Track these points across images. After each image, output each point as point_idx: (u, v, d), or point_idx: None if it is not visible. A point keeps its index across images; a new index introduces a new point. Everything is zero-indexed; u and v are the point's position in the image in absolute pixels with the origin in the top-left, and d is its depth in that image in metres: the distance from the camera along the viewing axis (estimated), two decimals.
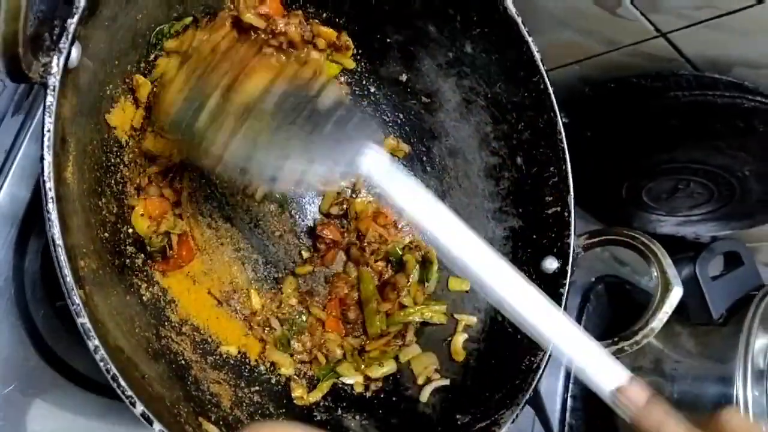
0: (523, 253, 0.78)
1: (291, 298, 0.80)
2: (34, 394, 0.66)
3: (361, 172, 0.59)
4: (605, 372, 0.54)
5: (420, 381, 0.78)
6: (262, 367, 0.75)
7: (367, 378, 0.78)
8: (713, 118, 0.83)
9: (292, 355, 0.78)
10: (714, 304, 0.96)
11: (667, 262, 0.72)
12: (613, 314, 1.09)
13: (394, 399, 0.78)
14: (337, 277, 0.83)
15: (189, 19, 0.69)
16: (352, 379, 0.77)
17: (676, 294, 0.71)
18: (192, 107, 0.60)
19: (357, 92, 0.84)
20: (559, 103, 0.74)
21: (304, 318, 0.80)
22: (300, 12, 0.74)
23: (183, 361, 0.67)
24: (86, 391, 0.68)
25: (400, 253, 0.84)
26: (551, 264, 0.74)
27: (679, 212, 1.04)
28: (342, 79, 0.82)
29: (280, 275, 0.81)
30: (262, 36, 0.71)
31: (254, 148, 0.59)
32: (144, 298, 0.66)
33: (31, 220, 0.68)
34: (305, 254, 0.83)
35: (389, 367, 0.79)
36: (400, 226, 0.85)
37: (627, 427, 0.97)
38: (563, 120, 0.74)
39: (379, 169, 0.59)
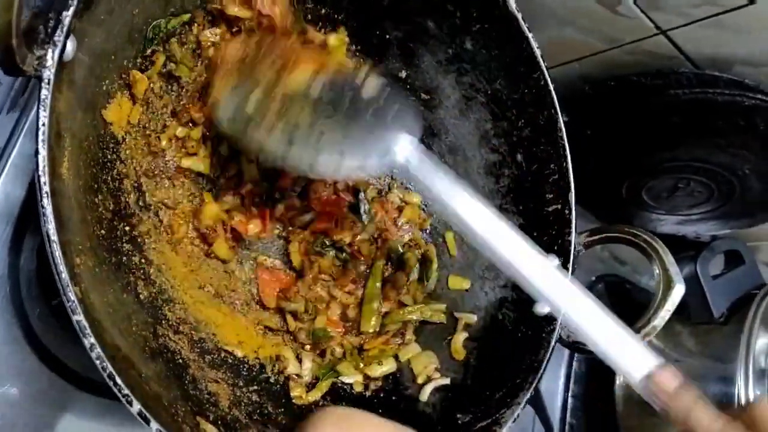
0: None
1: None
2: (30, 393, 0.65)
3: (396, 163, 0.61)
4: (634, 357, 0.54)
5: (420, 380, 0.77)
6: (260, 366, 0.75)
7: (366, 377, 0.77)
8: (714, 116, 0.83)
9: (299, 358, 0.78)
10: (715, 303, 0.96)
11: (669, 259, 0.72)
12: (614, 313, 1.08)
13: (393, 398, 0.77)
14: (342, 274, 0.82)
15: (187, 16, 0.69)
16: (351, 378, 0.77)
17: (678, 291, 0.71)
18: (239, 97, 0.63)
19: None
20: (560, 101, 0.73)
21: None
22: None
23: (180, 360, 0.66)
24: (82, 391, 0.68)
25: (401, 250, 0.83)
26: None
27: (679, 211, 1.04)
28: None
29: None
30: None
31: (292, 140, 0.61)
32: (141, 296, 0.66)
33: (26, 218, 0.67)
34: None
35: (389, 366, 0.78)
36: (399, 224, 0.85)
37: (628, 426, 0.97)
38: (563, 118, 0.74)
39: (414, 159, 0.60)
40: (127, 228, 0.67)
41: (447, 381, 0.77)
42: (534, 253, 0.58)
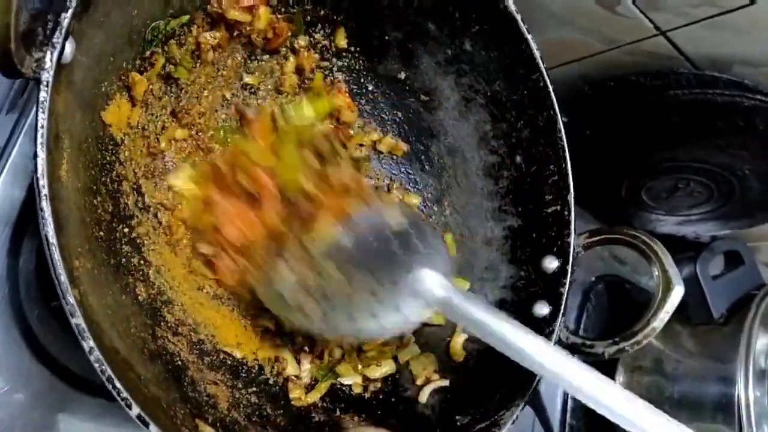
0: (523, 253, 0.78)
1: None
2: (29, 395, 0.65)
3: (431, 302, 0.62)
4: None
5: (419, 381, 0.77)
6: (259, 368, 0.75)
7: (365, 378, 0.77)
8: (713, 117, 0.83)
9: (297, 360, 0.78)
10: (715, 304, 0.96)
11: (668, 261, 0.72)
12: (613, 314, 1.09)
13: (392, 400, 0.77)
14: None
15: (186, 18, 0.69)
16: (350, 379, 0.77)
17: (678, 293, 0.71)
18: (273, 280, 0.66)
19: (355, 90, 0.83)
20: (559, 102, 0.73)
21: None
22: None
23: (179, 362, 0.66)
24: (81, 392, 0.67)
25: None
26: (551, 263, 0.74)
27: (679, 211, 1.04)
28: (340, 76, 0.82)
29: None
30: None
31: (326, 316, 0.64)
32: (140, 298, 0.65)
33: (25, 220, 0.67)
34: None
35: (388, 368, 0.78)
36: None
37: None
38: (563, 119, 0.74)
39: (447, 297, 0.62)
40: (126, 230, 0.66)
41: (446, 383, 0.77)
42: (593, 376, 0.58)
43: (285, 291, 0.65)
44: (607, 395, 0.58)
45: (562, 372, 0.59)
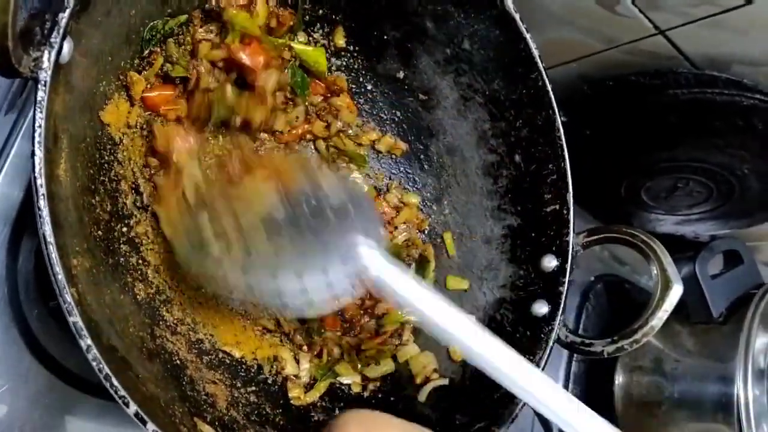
0: (522, 252, 0.78)
1: None
2: (27, 394, 0.65)
3: (363, 271, 0.59)
4: None
5: (418, 380, 0.77)
6: (258, 367, 0.75)
7: (365, 378, 0.77)
8: (712, 116, 0.83)
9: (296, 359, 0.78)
10: (714, 303, 0.96)
11: (667, 260, 0.72)
12: (612, 313, 1.09)
13: (392, 399, 0.77)
14: None
15: (184, 17, 0.69)
16: (349, 378, 0.77)
17: (676, 292, 0.71)
18: (194, 229, 0.62)
19: (354, 90, 0.83)
20: (558, 102, 0.73)
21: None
22: None
23: (178, 361, 0.66)
24: (80, 392, 0.68)
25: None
26: (550, 262, 0.74)
27: (678, 211, 1.04)
28: (340, 75, 0.82)
29: None
30: None
31: (246, 270, 0.60)
32: (138, 297, 0.66)
33: (24, 220, 0.67)
34: None
35: (387, 367, 0.78)
36: (396, 224, 0.85)
37: (627, 426, 0.97)
38: (562, 118, 0.73)
39: (376, 265, 0.59)
40: (124, 229, 0.66)
41: (445, 381, 0.77)
42: (519, 360, 0.58)
43: (206, 236, 0.61)
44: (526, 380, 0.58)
45: (486, 353, 0.58)
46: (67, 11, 0.48)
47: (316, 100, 0.81)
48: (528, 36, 0.71)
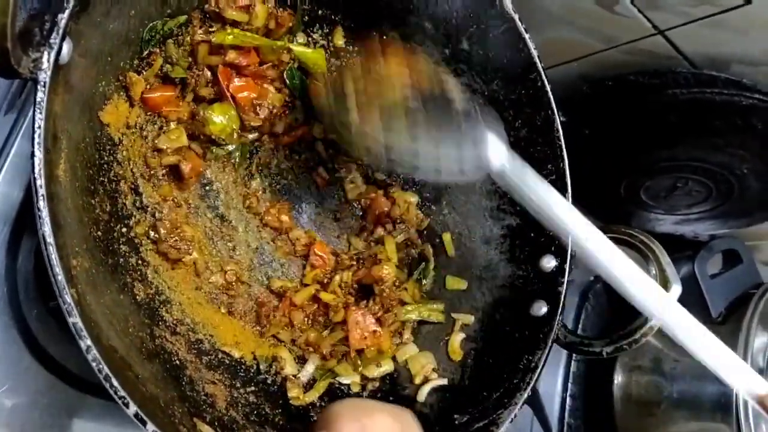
0: (521, 252, 0.78)
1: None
2: (27, 394, 0.65)
3: (491, 167, 0.64)
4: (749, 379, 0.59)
5: (417, 380, 0.77)
6: (257, 367, 0.75)
7: (364, 378, 0.77)
8: (711, 116, 0.82)
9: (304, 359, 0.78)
10: (713, 303, 0.96)
11: (666, 260, 0.72)
12: (611, 313, 1.08)
13: (391, 399, 0.77)
14: None
15: (183, 18, 0.69)
16: (349, 378, 0.77)
17: (675, 292, 0.71)
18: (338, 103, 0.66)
19: None
20: (558, 101, 0.73)
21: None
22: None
23: (177, 361, 0.66)
24: (80, 392, 0.67)
25: None
26: (549, 262, 0.74)
27: (677, 211, 1.04)
28: None
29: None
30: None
31: (390, 144, 0.63)
32: (138, 297, 0.66)
33: (23, 220, 0.67)
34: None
35: (386, 367, 0.78)
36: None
37: (626, 426, 0.97)
38: (561, 118, 0.74)
39: (508, 163, 0.63)
40: (124, 229, 0.67)
41: (444, 381, 0.77)
42: (633, 265, 0.61)
43: (349, 93, 0.66)
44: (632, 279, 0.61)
45: (593, 248, 0.62)
46: (66, 12, 0.48)
47: None
48: (527, 36, 0.71)
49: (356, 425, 0.43)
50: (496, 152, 0.64)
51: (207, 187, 0.77)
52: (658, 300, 0.62)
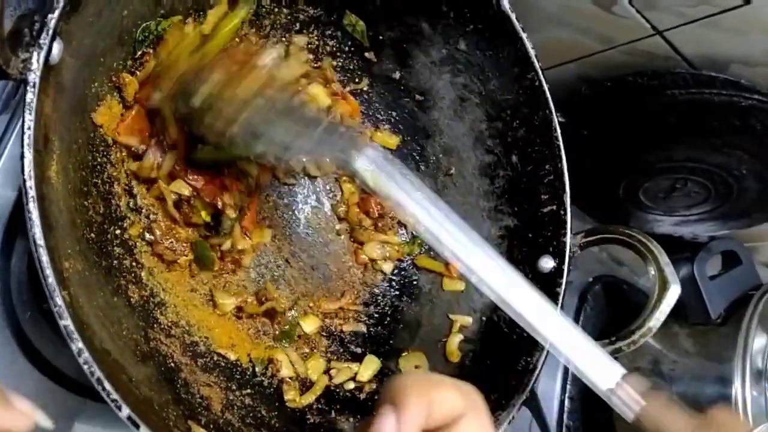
0: (519, 252, 0.77)
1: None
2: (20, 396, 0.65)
3: (355, 164, 0.59)
4: (602, 370, 0.55)
5: None
6: (253, 369, 0.74)
7: (358, 382, 0.77)
8: (710, 117, 0.82)
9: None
10: (712, 304, 0.95)
11: (665, 260, 0.71)
12: (611, 315, 1.08)
13: None
14: None
15: (177, 18, 0.68)
16: (343, 378, 0.77)
17: (674, 292, 0.70)
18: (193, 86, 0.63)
19: (349, 90, 0.83)
20: (556, 102, 0.73)
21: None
22: None
23: (172, 364, 0.66)
24: (74, 394, 0.67)
25: None
26: (547, 263, 0.74)
27: (676, 212, 1.04)
28: (335, 77, 0.81)
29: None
30: None
31: (260, 126, 0.61)
32: (132, 299, 0.65)
33: (17, 221, 0.67)
34: None
35: (374, 365, 0.79)
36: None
37: (625, 428, 0.97)
38: (560, 119, 0.73)
39: (376, 161, 0.59)
40: (117, 231, 0.66)
41: None
42: (499, 260, 0.58)
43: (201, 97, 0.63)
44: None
45: (475, 268, 0.58)
46: (57, 12, 0.48)
47: None
48: (524, 36, 0.71)
49: (424, 399, 0.42)
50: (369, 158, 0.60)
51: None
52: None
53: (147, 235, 0.69)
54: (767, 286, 0.97)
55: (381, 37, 0.79)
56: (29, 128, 0.46)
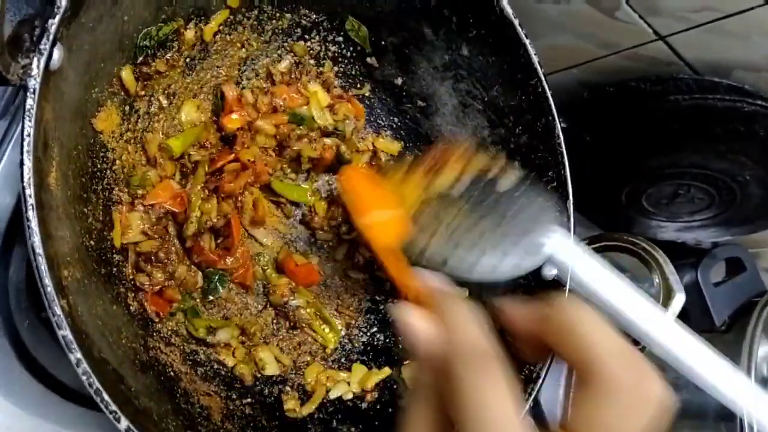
0: None
1: None
2: (19, 405, 0.64)
3: (546, 255, 0.59)
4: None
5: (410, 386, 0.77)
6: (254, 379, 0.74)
7: (363, 390, 0.77)
8: (713, 122, 0.82)
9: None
10: (716, 311, 0.95)
11: (669, 268, 0.71)
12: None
13: (389, 410, 0.76)
14: None
15: (180, 22, 0.68)
16: (340, 391, 0.76)
17: (679, 301, 0.70)
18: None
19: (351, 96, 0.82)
20: (558, 108, 0.73)
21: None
22: None
23: (172, 373, 0.65)
24: (72, 404, 0.67)
25: None
26: (551, 270, 0.73)
27: (679, 218, 1.04)
28: (336, 82, 0.81)
29: None
30: None
31: (457, 242, 0.60)
32: (131, 308, 0.65)
33: (15, 229, 0.66)
34: None
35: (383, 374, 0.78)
36: None
37: None
38: (562, 125, 0.73)
39: (566, 251, 0.59)
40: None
41: None
42: (703, 348, 0.58)
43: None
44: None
45: (673, 347, 0.57)
46: (57, 17, 0.48)
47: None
48: (527, 41, 0.71)
49: None
50: (553, 238, 0.59)
51: None
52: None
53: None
54: None
55: (383, 43, 0.78)
56: (29, 135, 0.46)
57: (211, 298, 0.73)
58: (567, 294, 0.72)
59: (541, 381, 0.69)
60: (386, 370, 0.78)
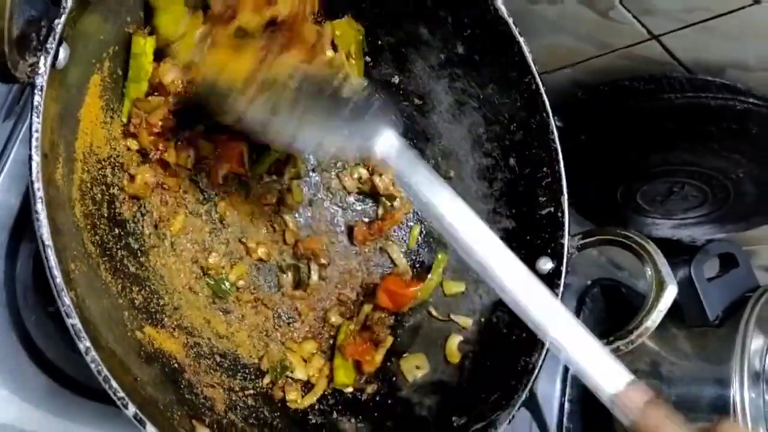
0: (517, 254, 0.77)
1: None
2: (27, 399, 0.65)
3: (375, 153, 0.60)
4: (604, 374, 0.52)
5: (409, 378, 0.79)
6: (256, 370, 0.75)
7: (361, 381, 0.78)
8: (706, 121, 0.83)
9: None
10: (710, 306, 0.96)
11: (661, 260, 0.72)
12: (609, 317, 1.09)
13: (389, 402, 0.77)
14: None
15: None
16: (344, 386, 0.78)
17: (671, 292, 0.71)
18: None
19: None
20: (553, 107, 0.74)
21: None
22: None
23: (176, 365, 0.66)
24: (79, 396, 0.67)
25: None
26: (545, 264, 0.74)
27: (674, 215, 1.04)
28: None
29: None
30: None
31: (275, 111, 0.61)
32: (136, 301, 0.66)
33: (22, 226, 0.67)
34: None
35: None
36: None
37: (625, 430, 0.97)
38: (557, 124, 0.74)
39: (394, 152, 0.59)
40: (122, 233, 0.67)
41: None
42: (508, 253, 0.57)
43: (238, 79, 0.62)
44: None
45: (479, 250, 0.57)
46: (63, 17, 0.49)
47: None
48: (521, 40, 0.72)
49: None
50: (383, 137, 0.60)
51: (204, 194, 0.77)
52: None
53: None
54: (764, 288, 0.97)
55: (380, 42, 0.80)
56: (37, 131, 0.47)
57: None
58: (562, 287, 0.73)
59: (536, 372, 0.70)
60: None
